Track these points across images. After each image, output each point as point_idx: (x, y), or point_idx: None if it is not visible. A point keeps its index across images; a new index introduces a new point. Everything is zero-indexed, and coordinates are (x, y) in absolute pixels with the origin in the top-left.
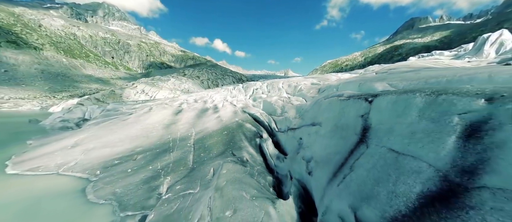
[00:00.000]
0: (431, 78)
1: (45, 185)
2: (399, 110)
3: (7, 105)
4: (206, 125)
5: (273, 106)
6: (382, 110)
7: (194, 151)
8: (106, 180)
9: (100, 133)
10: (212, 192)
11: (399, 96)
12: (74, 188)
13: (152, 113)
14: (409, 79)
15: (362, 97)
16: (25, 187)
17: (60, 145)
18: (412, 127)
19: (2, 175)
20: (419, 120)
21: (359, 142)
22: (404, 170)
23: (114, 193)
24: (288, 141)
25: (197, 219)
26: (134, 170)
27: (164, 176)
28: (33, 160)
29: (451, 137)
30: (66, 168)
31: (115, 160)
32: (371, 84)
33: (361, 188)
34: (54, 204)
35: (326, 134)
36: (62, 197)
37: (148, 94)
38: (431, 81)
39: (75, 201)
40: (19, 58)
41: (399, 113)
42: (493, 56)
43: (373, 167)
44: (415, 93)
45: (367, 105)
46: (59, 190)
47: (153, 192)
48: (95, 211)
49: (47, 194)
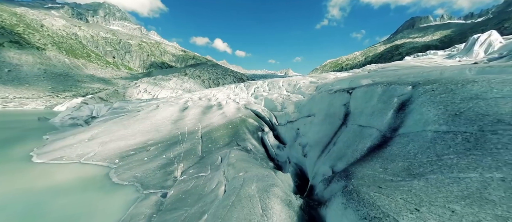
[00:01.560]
0: (403, 74)
1: (72, 172)
2: (367, 98)
3: (13, 104)
4: (211, 120)
5: (274, 102)
6: (357, 99)
7: (202, 142)
8: (126, 167)
9: (113, 128)
10: (225, 167)
11: (368, 87)
12: (98, 173)
13: (160, 110)
14: (389, 76)
15: (345, 90)
16: (55, 174)
17: (77, 139)
18: (373, 108)
19: (31, 164)
20: (377, 103)
21: (342, 125)
22: (364, 136)
23: (135, 176)
24: (287, 132)
25: (215, 185)
26: (150, 159)
27: (177, 163)
28: (55, 152)
29: (391, 111)
30: (87, 158)
31: (130, 151)
32: (359, 81)
33: (338, 154)
34: (85, 185)
35: (318, 122)
36: (90, 180)
37: (151, 93)
38: (402, 77)
39: (102, 183)
40: (22, 58)
41: (367, 99)
42: (482, 56)
43: (347, 139)
44: (378, 85)
45: (348, 96)
46: (86, 175)
47: (169, 175)
48: (121, 190)
49: (77, 178)
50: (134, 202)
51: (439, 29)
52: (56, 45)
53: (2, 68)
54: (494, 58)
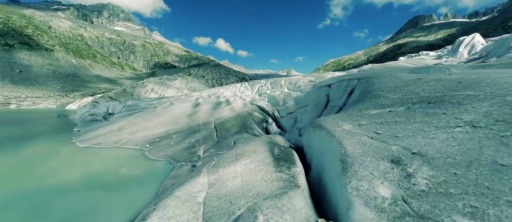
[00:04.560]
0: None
1: (115, 152)
2: (338, 89)
3: (26, 103)
4: (222, 114)
5: (276, 99)
6: (333, 90)
7: (217, 131)
8: (156, 149)
9: (137, 121)
10: (241, 140)
11: (339, 82)
12: (135, 154)
13: (174, 106)
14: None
15: (327, 85)
16: (102, 153)
17: (107, 130)
18: (339, 95)
19: (79, 148)
20: (343, 92)
21: (324, 108)
22: (332, 110)
23: (167, 155)
24: (287, 121)
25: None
26: (175, 143)
27: (198, 145)
28: (92, 139)
29: (345, 95)
30: (121, 143)
31: (156, 138)
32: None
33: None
34: (128, 161)
35: (310, 110)
36: (132, 157)
37: (157, 92)
38: (362, 75)
39: (141, 159)
40: (32, 59)
41: (338, 90)
42: (466, 56)
43: (325, 114)
44: (344, 80)
45: (328, 89)
46: (127, 154)
47: (194, 154)
48: (157, 163)
49: (121, 156)
50: (172, 170)
51: (442, 28)
52: (63, 46)
53: (14, 68)
54: (474, 59)
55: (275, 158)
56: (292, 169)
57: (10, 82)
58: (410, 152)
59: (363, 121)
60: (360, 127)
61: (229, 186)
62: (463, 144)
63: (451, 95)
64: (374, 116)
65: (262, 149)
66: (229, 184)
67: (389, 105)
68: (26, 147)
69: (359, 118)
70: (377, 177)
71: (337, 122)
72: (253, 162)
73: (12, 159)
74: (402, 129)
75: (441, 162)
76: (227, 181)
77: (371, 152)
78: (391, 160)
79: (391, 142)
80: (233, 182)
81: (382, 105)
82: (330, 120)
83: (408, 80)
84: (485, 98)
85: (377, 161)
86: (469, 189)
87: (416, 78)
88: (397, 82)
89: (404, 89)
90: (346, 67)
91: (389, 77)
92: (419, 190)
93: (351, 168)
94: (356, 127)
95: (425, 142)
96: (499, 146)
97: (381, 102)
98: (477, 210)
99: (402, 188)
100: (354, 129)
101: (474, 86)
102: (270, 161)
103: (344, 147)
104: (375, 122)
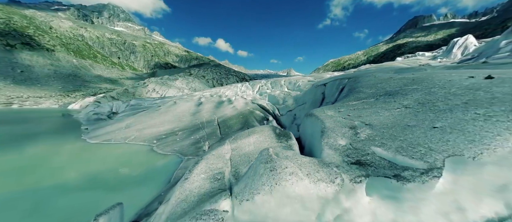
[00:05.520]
0: (366, 71)
1: (124, 148)
2: (332, 87)
3: (28, 103)
4: (224, 112)
5: (276, 98)
6: (327, 88)
7: (220, 128)
8: (164, 144)
9: (143, 119)
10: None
11: (333, 82)
12: (144, 149)
13: (178, 105)
14: (356, 74)
15: (323, 84)
16: (113, 149)
17: (114, 127)
18: (333, 92)
19: (90, 144)
20: (336, 90)
21: (320, 105)
22: (326, 103)
23: (174, 149)
24: (287, 119)
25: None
26: (181, 139)
27: (203, 141)
28: (101, 136)
29: (337, 92)
30: (130, 140)
31: (162, 135)
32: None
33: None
34: (139, 155)
35: (308, 107)
36: (142, 152)
37: (159, 92)
38: (352, 74)
39: (151, 153)
40: (33, 59)
41: (332, 88)
42: (459, 57)
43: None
44: (337, 79)
45: (324, 87)
46: (136, 149)
47: (200, 149)
48: (166, 157)
49: (131, 151)
50: (181, 162)
51: (442, 28)
52: (64, 46)
53: (16, 69)
54: (466, 59)
55: (277, 134)
56: (289, 141)
57: (12, 82)
58: (364, 124)
59: (342, 109)
60: (339, 112)
61: (245, 150)
62: (395, 117)
63: (404, 89)
64: (351, 105)
65: (267, 129)
66: (245, 149)
67: (365, 98)
68: (40, 144)
69: (340, 107)
70: (339, 136)
71: (323, 111)
72: (261, 136)
73: (31, 155)
74: (365, 112)
75: (378, 127)
76: (243, 147)
77: (340, 125)
78: (350, 128)
79: (355, 119)
80: (248, 148)
81: (360, 98)
82: (319, 110)
83: (383, 79)
84: (421, 90)
85: (342, 129)
86: (385, 137)
87: (389, 77)
88: (375, 80)
89: (378, 86)
90: (346, 67)
91: (370, 76)
92: (359, 139)
93: (326, 133)
94: (336, 113)
95: (375, 118)
96: (412, 117)
97: (359, 96)
98: (385, 145)
99: (351, 139)
100: (334, 114)
101: (419, 82)
102: (273, 136)
103: (324, 124)
104: (350, 109)
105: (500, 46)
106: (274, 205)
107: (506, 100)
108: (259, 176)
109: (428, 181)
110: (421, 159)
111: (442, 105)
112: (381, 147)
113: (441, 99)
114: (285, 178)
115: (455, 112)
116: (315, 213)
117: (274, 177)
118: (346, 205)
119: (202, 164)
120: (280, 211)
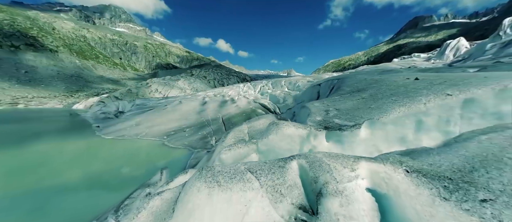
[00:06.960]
0: (355, 73)
1: (138, 142)
2: (325, 87)
3: (33, 103)
4: (228, 111)
5: (277, 97)
6: (322, 88)
7: (225, 125)
8: (174, 139)
9: (151, 117)
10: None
11: (326, 82)
12: (156, 143)
13: (183, 104)
14: (345, 76)
15: (318, 84)
16: (128, 143)
17: (125, 125)
18: (325, 91)
19: (106, 140)
20: (328, 89)
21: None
22: (321, 98)
23: (184, 144)
24: (286, 116)
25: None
26: (189, 135)
27: (210, 136)
28: (114, 133)
29: (329, 91)
30: (141, 136)
31: (171, 131)
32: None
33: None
34: (153, 148)
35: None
36: (154, 146)
37: (161, 92)
38: (344, 74)
39: (163, 147)
40: (37, 60)
41: (325, 87)
42: (451, 58)
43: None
44: (329, 80)
45: (319, 87)
46: (149, 143)
47: (207, 143)
48: (177, 150)
49: (145, 144)
50: (192, 154)
51: (442, 28)
52: (67, 47)
53: (20, 69)
54: (458, 61)
55: (278, 119)
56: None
57: (17, 82)
58: (335, 109)
59: (325, 102)
60: (322, 104)
61: (257, 127)
62: (354, 104)
63: (368, 87)
64: (332, 99)
65: (272, 116)
66: (257, 126)
67: (343, 93)
68: (61, 140)
69: (325, 101)
70: (317, 115)
71: (313, 103)
72: (268, 120)
73: (60, 149)
74: (338, 102)
75: (343, 110)
76: (256, 126)
77: (320, 110)
78: (325, 111)
79: (330, 106)
80: (259, 126)
81: (340, 93)
82: (310, 103)
83: (360, 79)
84: (375, 87)
85: (320, 111)
86: (343, 114)
87: (364, 79)
88: (353, 81)
89: (354, 85)
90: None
91: (353, 78)
92: (329, 116)
93: (310, 115)
94: (320, 104)
95: (342, 105)
96: (363, 103)
97: (340, 92)
98: (341, 117)
99: (323, 117)
100: (319, 104)
101: (378, 82)
102: (276, 119)
103: (310, 110)
104: (330, 101)
105: (486, 48)
106: (278, 140)
107: (409, 91)
108: (270, 130)
109: (353, 130)
110: (354, 121)
111: (381, 96)
112: (338, 119)
113: (382, 92)
114: (283, 127)
115: (383, 99)
116: (297, 145)
117: (277, 127)
118: (314, 143)
119: (231, 134)
120: (280, 143)
